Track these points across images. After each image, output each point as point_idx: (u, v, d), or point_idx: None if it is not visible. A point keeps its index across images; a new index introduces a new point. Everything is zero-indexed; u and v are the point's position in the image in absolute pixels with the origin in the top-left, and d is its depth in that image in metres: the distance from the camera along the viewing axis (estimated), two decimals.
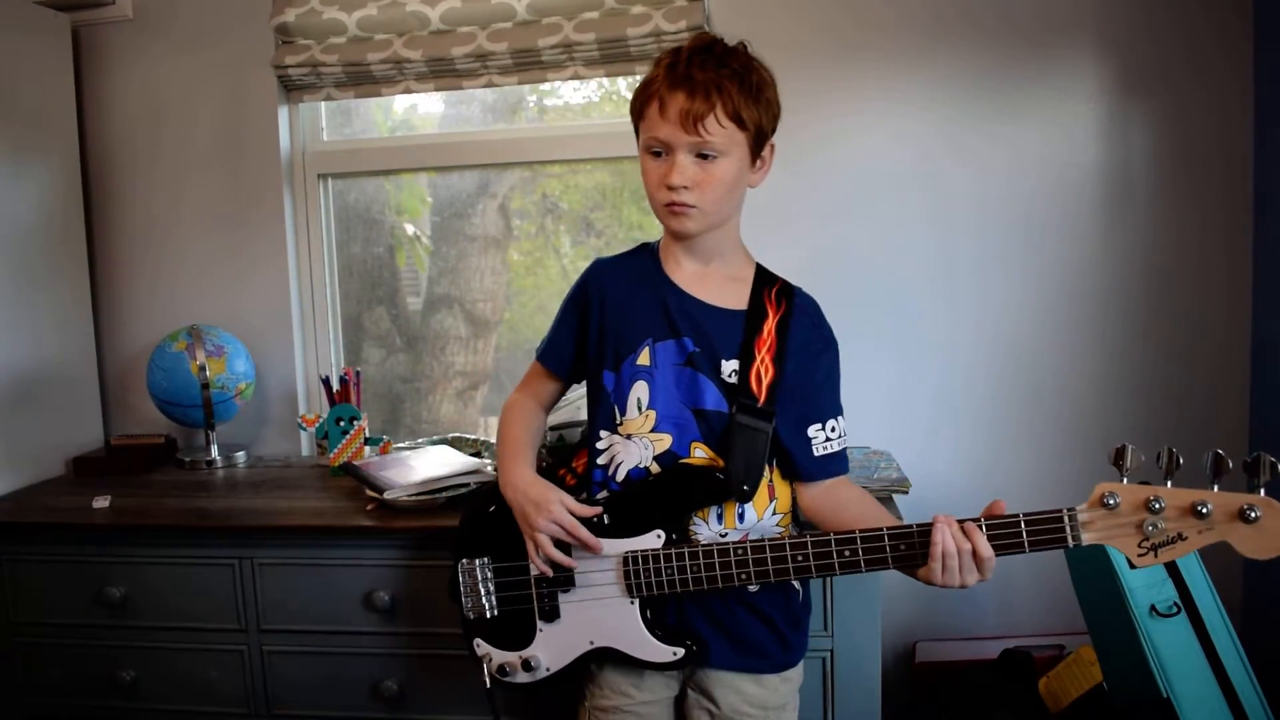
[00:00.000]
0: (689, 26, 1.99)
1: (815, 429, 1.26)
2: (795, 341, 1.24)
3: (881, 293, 2.08)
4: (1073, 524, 1.02)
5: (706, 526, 1.22)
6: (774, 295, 1.27)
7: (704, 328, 1.23)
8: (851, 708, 1.63)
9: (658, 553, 1.19)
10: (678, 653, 1.21)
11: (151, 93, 2.28)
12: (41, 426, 2.10)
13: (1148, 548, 0.97)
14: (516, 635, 1.27)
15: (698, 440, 1.22)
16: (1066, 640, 1.98)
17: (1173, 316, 2.01)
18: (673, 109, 1.15)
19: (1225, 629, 1.55)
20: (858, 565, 1.11)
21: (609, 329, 1.27)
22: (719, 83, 1.14)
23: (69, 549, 1.80)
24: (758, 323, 1.24)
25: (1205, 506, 0.93)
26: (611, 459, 1.25)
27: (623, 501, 1.22)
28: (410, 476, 1.78)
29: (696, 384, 1.22)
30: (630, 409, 1.24)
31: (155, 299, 2.33)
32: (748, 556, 1.15)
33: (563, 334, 1.34)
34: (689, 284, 1.26)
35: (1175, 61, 1.95)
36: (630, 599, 1.21)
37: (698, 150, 1.16)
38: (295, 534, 1.72)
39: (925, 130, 2.04)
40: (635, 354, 1.25)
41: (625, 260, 1.33)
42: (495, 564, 1.29)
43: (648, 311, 1.25)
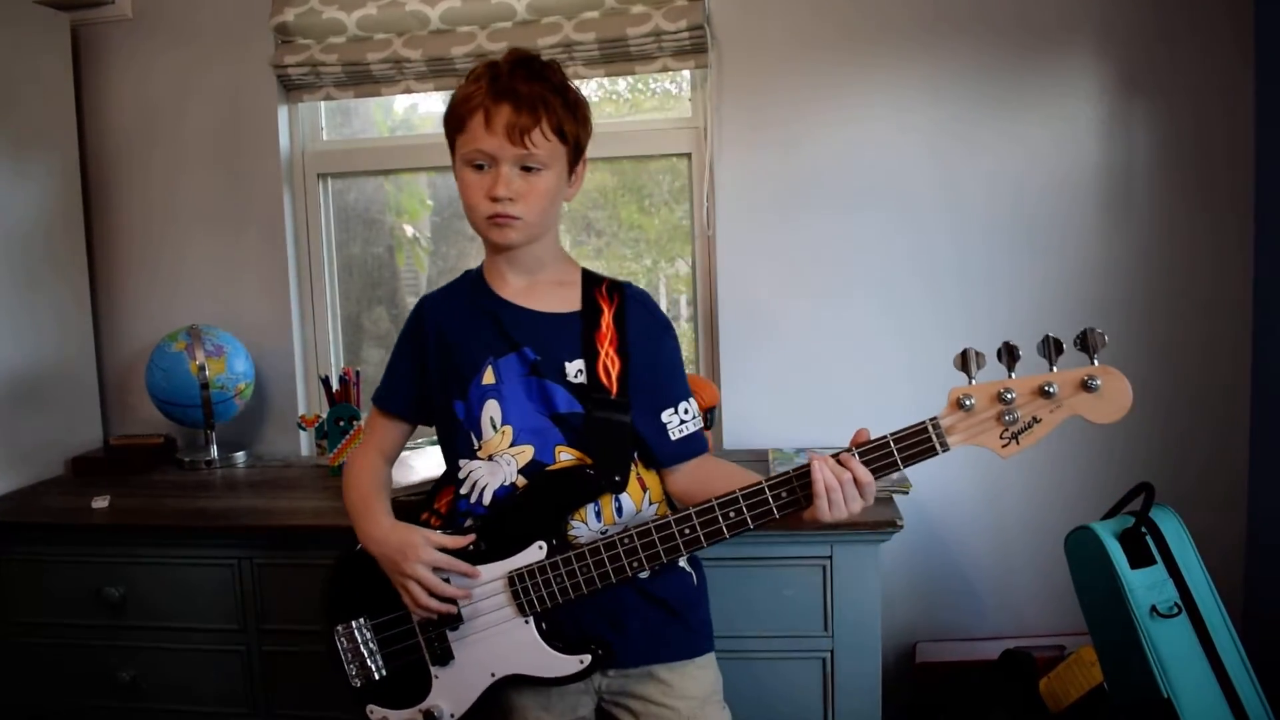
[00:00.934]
0: (689, 26, 1.99)
1: (669, 414, 1.25)
2: (634, 331, 1.24)
3: (882, 291, 2.08)
4: (937, 432, 1.05)
5: (586, 527, 1.20)
6: (605, 291, 1.27)
7: (541, 335, 1.23)
8: (851, 708, 1.63)
9: (544, 564, 1.16)
10: (584, 660, 1.18)
11: (151, 92, 2.28)
12: (41, 426, 2.10)
13: (1009, 437, 1.03)
14: (410, 689, 1.23)
15: (561, 444, 1.20)
16: (1067, 640, 1.98)
17: (1173, 314, 2.00)
18: (499, 121, 1.15)
19: (1226, 629, 1.55)
20: (744, 523, 1.11)
21: (449, 359, 1.25)
22: (544, 97, 1.16)
23: (68, 549, 1.80)
24: (594, 319, 1.24)
25: (1051, 386, 1.00)
26: (474, 485, 1.22)
27: (495, 522, 1.20)
28: (409, 476, 1.78)
29: (546, 390, 1.21)
30: (485, 430, 1.22)
31: (154, 298, 2.33)
32: (635, 544, 1.13)
33: (400, 376, 1.32)
34: (518, 297, 1.26)
35: (1176, 61, 1.95)
36: (524, 618, 1.18)
37: (522, 163, 1.17)
38: (295, 534, 1.72)
39: (925, 130, 2.03)
40: (479, 374, 1.23)
41: (451, 290, 1.33)
42: (373, 621, 1.25)
43: (482, 331, 1.24)
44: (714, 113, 2.08)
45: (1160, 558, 1.57)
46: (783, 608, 1.63)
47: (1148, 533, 1.57)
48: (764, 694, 1.65)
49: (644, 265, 2.31)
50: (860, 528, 1.55)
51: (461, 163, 1.21)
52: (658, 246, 2.29)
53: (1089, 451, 2.04)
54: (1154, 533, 1.57)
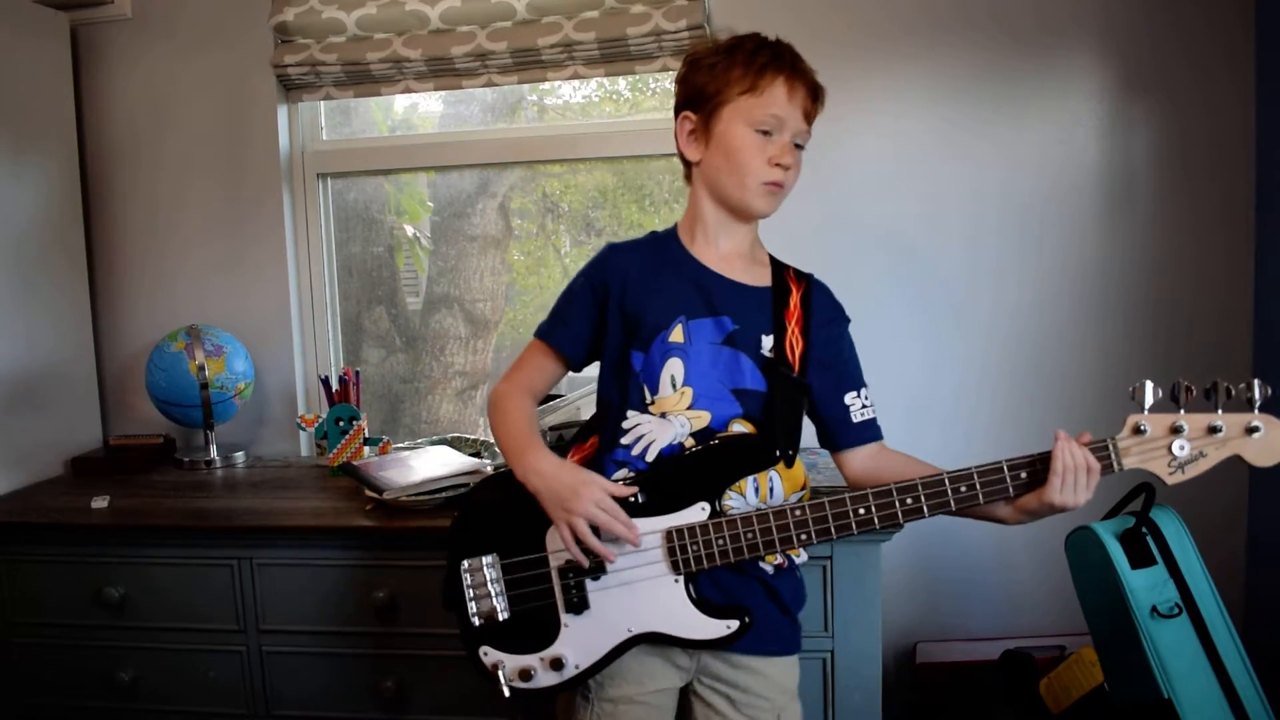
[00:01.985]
0: (689, 26, 1.99)
1: (851, 396, 1.29)
2: (819, 315, 1.28)
3: (882, 291, 2.08)
4: (1115, 450, 1.12)
5: (744, 500, 1.21)
6: (793, 275, 1.31)
7: (741, 306, 1.24)
8: (852, 709, 1.63)
9: (706, 524, 1.16)
10: (731, 625, 1.17)
11: (150, 92, 2.28)
12: (40, 427, 2.10)
13: (1176, 466, 1.12)
14: (531, 636, 1.21)
15: (737, 417, 1.22)
16: (1068, 641, 1.98)
17: (1174, 316, 2.00)
18: (798, 96, 1.21)
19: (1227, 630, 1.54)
20: (920, 511, 1.13)
21: (633, 310, 1.25)
22: (819, 85, 1.26)
23: (68, 549, 1.80)
24: (784, 298, 1.26)
25: (1220, 426, 1.10)
26: (640, 438, 1.22)
27: (659, 478, 1.19)
28: (410, 477, 1.78)
29: (737, 363, 1.22)
30: (664, 387, 1.22)
31: (154, 298, 2.33)
32: (807, 516, 1.15)
33: (575, 316, 1.30)
34: (717, 265, 1.27)
35: (1176, 61, 1.95)
36: (675, 576, 1.17)
37: (798, 140, 1.24)
38: (295, 534, 1.71)
39: (926, 130, 2.03)
40: (667, 331, 1.23)
41: (642, 245, 1.33)
42: (505, 560, 1.23)
43: (677, 291, 1.25)
44: None
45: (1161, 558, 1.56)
46: None
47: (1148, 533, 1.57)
48: None
49: None
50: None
51: (744, 123, 1.21)
52: None
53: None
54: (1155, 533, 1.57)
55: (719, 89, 1.23)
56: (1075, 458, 1.11)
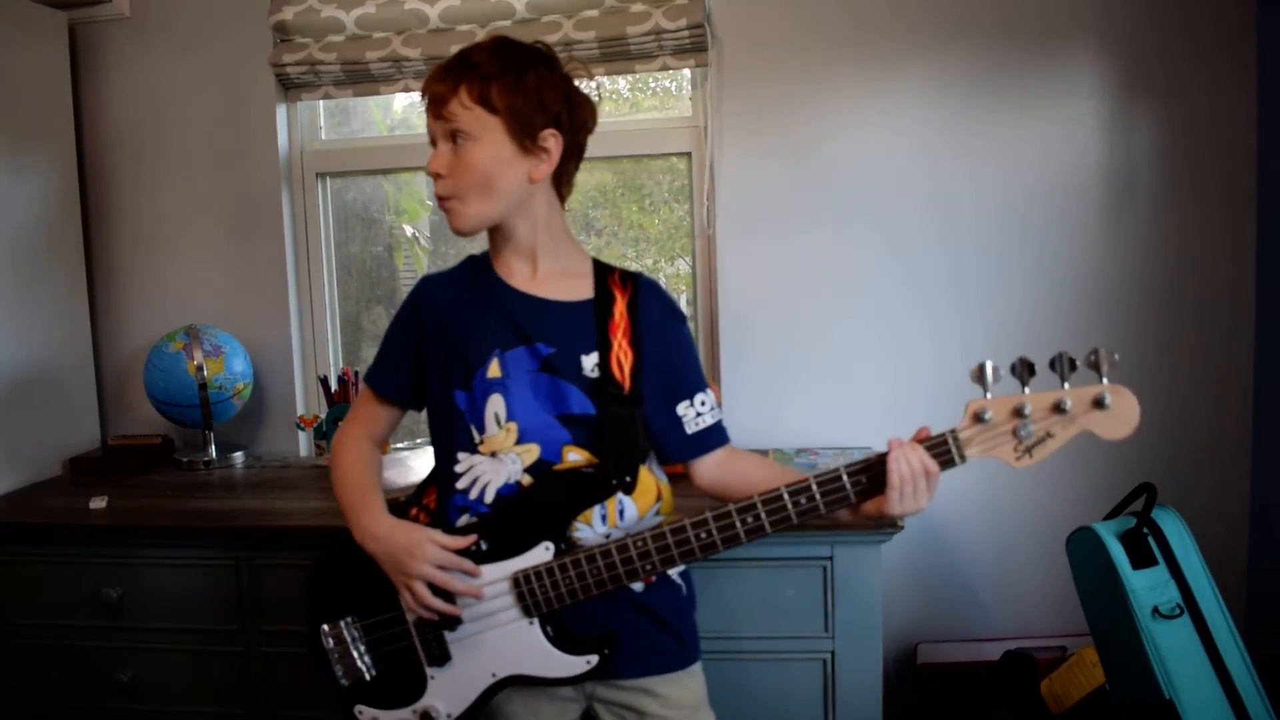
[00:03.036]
0: (689, 25, 1.98)
1: (684, 406, 1.21)
2: (648, 321, 1.19)
3: (883, 290, 2.08)
4: (957, 443, 1.08)
5: (591, 529, 1.16)
6: (618, 279, 1.21)
7: (555, 326, 1.17)
8: (852, 709, 1.62)
9: (552, 565, 1.12)
10: (590, 660, 1.14)
11: (149, 91, 2.28)
12: (38, 427, 2.09)
13: (1023, 450, 1.07)
14: (402, 689, 1.19)
15: (569, 444, 1.16)
16: (1069, 641, 1.98)
17: (1175, 315, 2.00)
18: (428, 95, 1.14)
19: (1228, 630, 1.54)
20: (762, 529, 1.07)
21: (451, 346, 1.19)
22: (471, 64, 1.12)
23: (66, 550, 1.80)
24: (607, 308, 1.18)
25: (1065, 403, 1.04)
26: (475, 481, 1.17)
27: (499, 521, 1.15)
28: (408, 476, 1.77)
29: (557, 389, 1.16)
30: (489, 425, 1.16)
31: (153, 298, 2.32)
32: (649, 547, 1.09)
33: (395, 358, 1.25)
34: (528, 285, 1.19)
35: (1177, 60, 1.95)
36: (530, 619, 1.14)
37: (450, 136, 1.13)
38: (293, 534, 1.71)
39: (926, 129, 2.03)
40: (484, 367, 1.17)
41: (457, 273, 1.26)
42: (363, 621, 1.20)
43: (489, 321, 1.18)
44: (714, 112, 2.07)
45: (1162, 558, 1.56)
46: (784, 608, 1.62)
47: (1149, 533, 1.57)
48: (764, 694, 1.64)
49: (645, 264, 2.30)
50: (861, 528, 1.55)
51: None
52: (658, 246, 2.29)
53: (1090, 452, 2.02)
54: (1156, 533, 1.57)
55: None
56: (911, 465, 1.05)
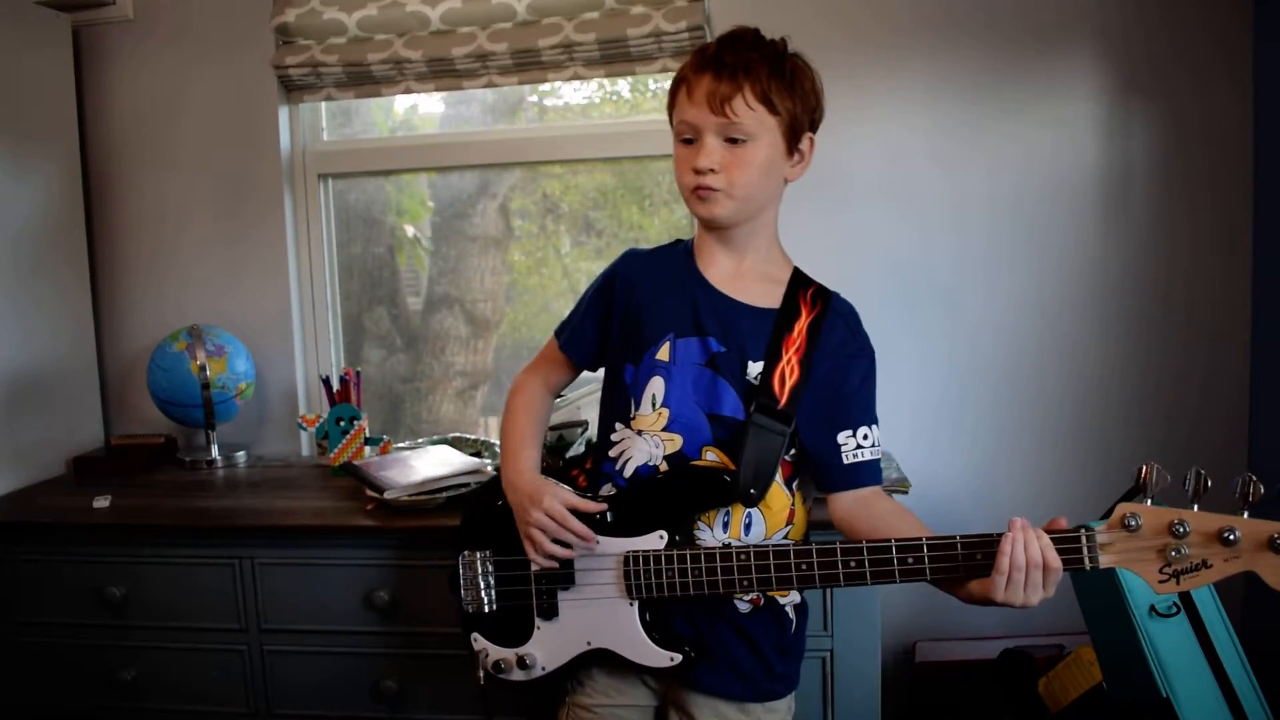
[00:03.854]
0: (689, 26, 1.99)
1: (845, 435, 1.20)
2: (827, 344, 1.20)
3: (881, 291, 2.08)
4: (1090, 544, 0.96)
5: (711, 533, 1.18)
6: (809, 296, 1.23)
7: (733, 327, 1.19)
8: (851, 708, 1.63)
9: (658, 553, 1.15)
10: (675, 658, 1.17)
11: (152, 93, 2.29)
12: (42, 426, 2.10)
13: (1169, 574, 0.92)
14: (514, 631, 1.25)
15: (709, 444, 1.18)
16: (1066, 640, 1.98)
17: (1173, 316, 2.01)
18: (700, 91, 1.13)
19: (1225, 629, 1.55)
20: (863, 577, 1.06)
21: (633, 320, 1.24)
22: (748, 64, 1.13)
23: (69, 549, 1.80)
24: (789, 322, 1.20)
25: (1233, 534, 0.89)
26: (622, 453, 1.22)
27: (627, 499, 1.19)
28: (410, 476, 1.78)
29: (716, 388, 1.18)
30: (644, 404, 1.20)
31: (156, 299, 2.33)
32: (750, 562, 1.11)
33: (587, 321, 1.30)
34: (722, 282, 1.22)
35: (1175, 62, 1.95)
36: (629, 600, 1.17)
37: (726, 134, 1.14)
38: (295, 534, 1.72)
39: (925, 130, 2.04)
40: (656, 347, 1.21)
41: (658, 254, 1.30)
42: (496, 558, 1.26)
43: (674, 306, 1.22)
44: None
45: None
46: None
47: None
48: None
49: None
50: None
51: (676, 138, 1.19)
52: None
53: (1088, 451, 2.04)
54: None
55: (668, 112, 1.22)
56: (1029, 556, 0.97)
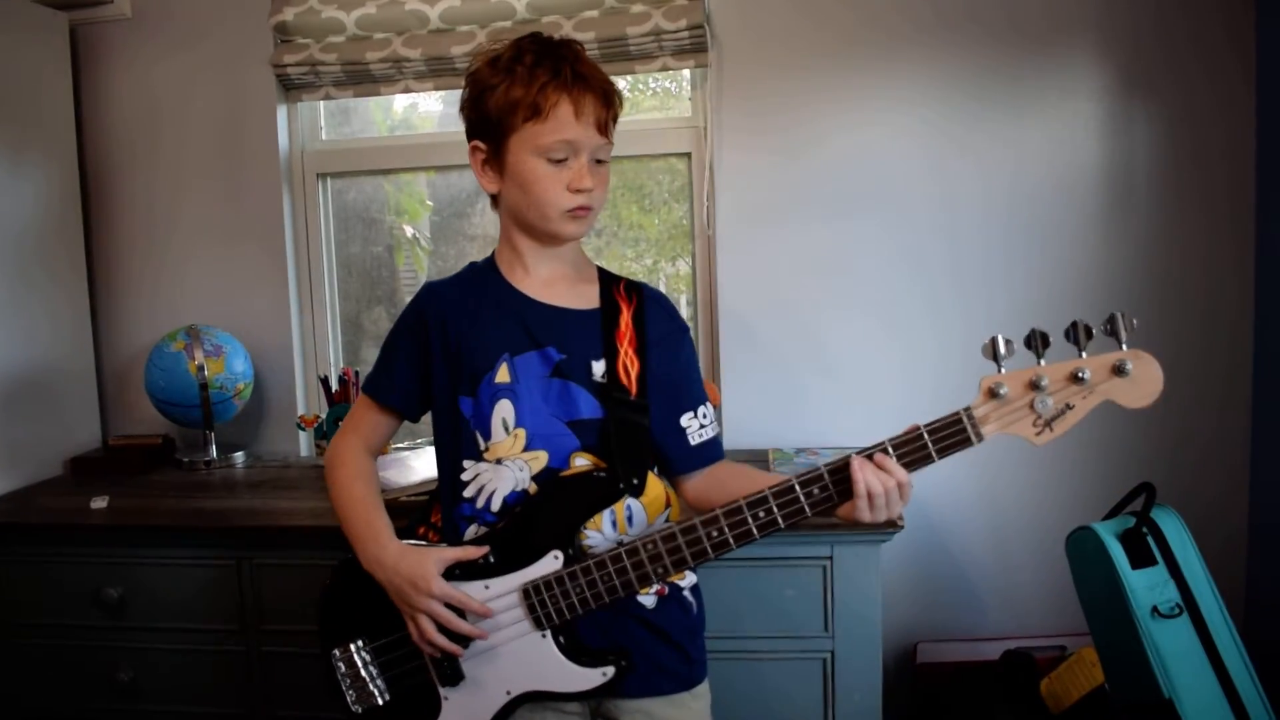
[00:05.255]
0: (689, 25, 1.98)
1: (688, 417, 1.22)
2: (654, 332, 1.20)
3: (882, 290, 2.08)
4: (971, 421, 1.03)
5: (601, 535, 1.15)
6: (623, 290, 1.23)
7: (566, 333, 1.17)
8: (852, 709, 1.62)
9: (561, 574, 1.10)
10: (607, 673, 1.12)
11: (150, 92, 2.28)
12: (39, 427, 2.10)
13: (1042, 424, 1.02)
14: (417, 713, 1.17)
15: (577, 450, 1.15)
16: (1068, 641, 1.98)
17: (1174, 316, 2.00)
18: (588, 111, 1.11)
19: (1227, 630, 1.54)
20: (774, 523, 1.06)
21: (455, 351, 1.19)
22: (606, 85, 1.14)
23: (67, 549, 1.80)
24: (614, 318, 1.19)
25: (1084, 371, 0.98)
26: (481, 489, 1.16)
27: (507, 532, 1.14)
28: (409, 476, 1.77)
29: (568, 393, 1.16)
30: (496, 431, 1.15)
31: (153, 298, 2.33)
32: (660, 549, 1.08)
33: (399, 366, 1.23)
34: (538, 292, 1.20)
35: (1177, 61, 1.95)
36: (541, 631, 1.12)
37: (597, 155, 1.14)
38: (294, 534, 1.71)
39: (925, 129, 2.03)
40: (493, 372, 1.16)
41: (459, 280, 1.26)
42: (373, 644, 1.19)
43: (499, 326, 1.18)
44: (714, 112, 2.07)
45: (1161, 558, 1.56)
46: (783, 608, 1.63)
47: (1149, 533, 1.57)
48: (764, 694, 1.64)
49: (644, 265, 2.30)
50: (861, 528, 1.54)
51: (533, 154, 1.12)
52: (658, 246, 2.29)
53: (1090, 451, 2.04)
54: (1155, 533, 1.57)
55: (502, 116, 1.13)
56: (878, 481, 1.03)
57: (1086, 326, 0.98)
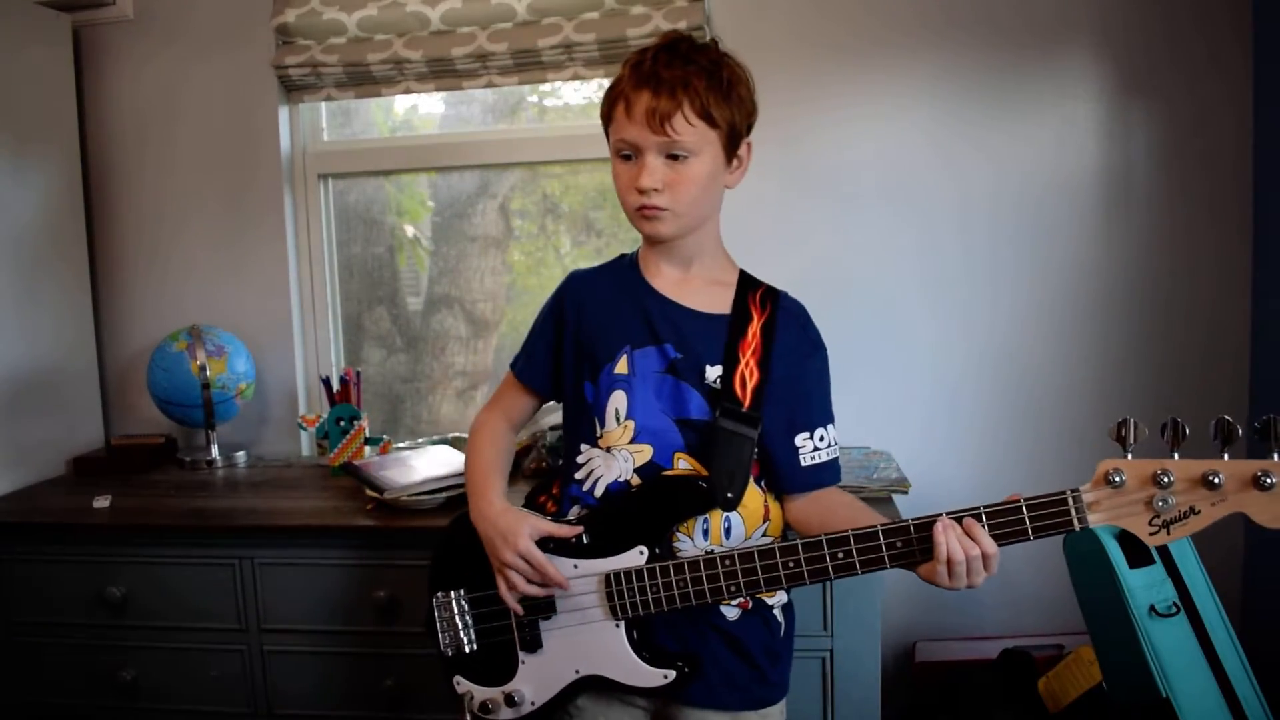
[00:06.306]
0: (689, 27, 1.99)
1: (803, 437, 1.21)
2: (781, 345, 1.20)
3: (881, 292, 2.08)
4: (1077, 505, 0.96)
5: (691, 542, 1.16)
6: (758, 299, 1.23)
7: (686, 333, 1.19)
8: (851, 708, 1.63)
9: (641, 570, 1.13)
10: (668, 675, 1.14)
11: (152, 93, 2.29)
12: (42, 426, 2.10)
13: (1159, 525, 0.92)
14: (498, 669, 1.22)
15: (680, 450, 1.17)
16: (1066, 640, 1.98)
17: (1172, 316, 2.01)
18: (639, 109, 1.11)
19: (1224, 629, 1.55)
20: (853, 567, 1.05)
21: (586, 339, 1.22)
22: (686, 80, 1.11)
23: (70, 549, 1.80)
24: (742, 326, 1.20)
25: (1217, 477, 0.88)
26: (590, 473, 1.20)
27: (602, 518, 1.17)
28: (410, 476, 1.78)
29: (680, 392, 1.17)
30: (609, 420, 1.19)
31: (156, 299, 2.33)
32: (736, 567, 1.09)
33: (540, 348, 1.29)
34: (670, 290, 1.22)
35: (1175, 62, 1.96)
36: (614, 621, 1.15)
37: (667, 151, 1.12)
38: (295, 534, 1.72)
39: (925, 129, 2.04)
40: (613, 363, 1.19)
41: (603, 271, 1.30)
42: (471, 595, 1.24)
43: (626, 319, 1.21)
44: None
45: (1159, 557, 1.57)
46: None
47: None
48: None
49: None
50: None
51: (613, 153, 1.17)
52: None
53: (1089, 451, 2.04)
54: None
55: (603, 124, 1.19)
56: (964, 549, 0.99)
57: (1232, 425, 0.89)
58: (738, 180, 1.22)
